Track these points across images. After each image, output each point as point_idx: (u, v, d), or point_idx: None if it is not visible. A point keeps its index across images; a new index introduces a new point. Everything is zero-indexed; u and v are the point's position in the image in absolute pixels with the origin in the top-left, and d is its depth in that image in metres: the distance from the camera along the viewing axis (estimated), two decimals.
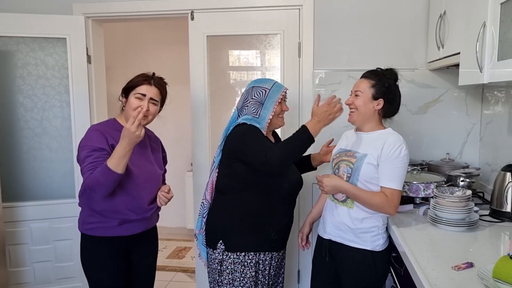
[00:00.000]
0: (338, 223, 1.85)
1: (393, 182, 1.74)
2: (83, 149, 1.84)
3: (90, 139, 1.87)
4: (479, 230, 1.74)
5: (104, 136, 1.87)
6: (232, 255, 1.91)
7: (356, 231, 1.80)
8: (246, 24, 2.80)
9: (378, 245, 1.79)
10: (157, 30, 4.52)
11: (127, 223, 1.94)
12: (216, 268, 1.95)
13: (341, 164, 1.87)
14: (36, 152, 2.91)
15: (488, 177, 2.45)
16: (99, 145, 1.83)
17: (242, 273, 1.91)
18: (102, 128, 1.94)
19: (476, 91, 2.61)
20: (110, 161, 1.74)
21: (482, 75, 1.64)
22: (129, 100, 1.93)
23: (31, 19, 2.79)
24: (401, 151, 1.74)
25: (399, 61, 2.67)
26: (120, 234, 1.93)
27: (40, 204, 2.88)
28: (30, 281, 2.91)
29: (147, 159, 2.03)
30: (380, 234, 1.80)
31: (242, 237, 1.92)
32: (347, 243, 1.82)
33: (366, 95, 1.83)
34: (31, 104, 2.87)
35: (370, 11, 2.68)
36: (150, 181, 2.00)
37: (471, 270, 1.34)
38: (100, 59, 3.11)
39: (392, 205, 1.73)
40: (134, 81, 1.94)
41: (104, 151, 1.83)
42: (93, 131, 1.91)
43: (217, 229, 1.97)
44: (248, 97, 1.98)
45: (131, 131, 1.72)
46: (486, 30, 1.60)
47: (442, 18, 2.23)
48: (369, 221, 1.79)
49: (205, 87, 2.87)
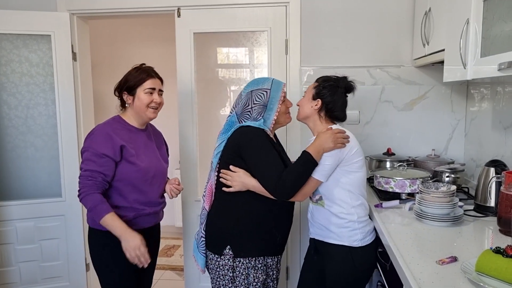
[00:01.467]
0: (316, 222, 1.89)
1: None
2: (87, 150, 1.88)
3: (96, 142, 1.87)
4: (463, 225, 1.77)
5: (111, 140, 1.87)
6: (245, 261, 1.83)
7: (331, 227, 1.82)
8: (233, 21, 2.79)
9: (355, 241, 1.79)
10: (144, 27, 4.48)
11: (141, 217, 1.99)
12: (226, 275, 1.84)
13: None
14: (20, 151, 2.87)
15: (472, 173, 2.48)
16: (102, 150, 1.85)
17: (255, 277, 1.84)
18: (111, 129, 1.92)
19: (461, 88, 2.64)
20: (106, 221, 1.81)
21: (466, 72, 1.66)
22: (139, 96, 1.95)
23: (15, 16, 2.74)
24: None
25: (385, 58, 2.69)
26: (134, 227, 1.91)
27: (26, 203, 2.85)
28: (16, 281, 2.88)
29: (154, 155, 2.06)
30: (357, 229, 1.79)
31: (251, 241, 1.84)
32: (327, 240, 1.84)
33: (308, 95, 1.90)
34: (15, 102, 2.83)
35: (356, 8, 2.69)
36: (158, 175, 2.04)
37: (455, 264, 1.36)
38: (86, 56, 3.08)
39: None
40: (138, 78, 1.95)
41: (106, 158, 1.85)
42: (100, 135, 1.89)
43: (223, 233, 1.86)
44: (248, 103, 1.86)
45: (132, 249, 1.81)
46: (470, 27, 1.62)
47: (427, 15, 2.25)
48: (343, 217, 1.80)
49: (192, 84, 2.86)
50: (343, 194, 1.80)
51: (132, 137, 1.97)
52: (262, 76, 2.86)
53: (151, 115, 2.00)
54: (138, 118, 2.02)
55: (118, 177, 1.91)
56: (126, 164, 1.90)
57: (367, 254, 1.82)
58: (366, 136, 2.76)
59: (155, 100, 1.97)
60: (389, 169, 2.43)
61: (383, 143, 2.73)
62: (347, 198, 1.79)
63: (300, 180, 1.73)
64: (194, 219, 2.89)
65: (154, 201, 2.04)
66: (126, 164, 1.90)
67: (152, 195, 2.02)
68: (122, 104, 2.03)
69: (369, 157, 2.64)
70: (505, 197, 1.62)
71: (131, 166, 1.91)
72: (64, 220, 2.89)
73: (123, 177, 1.91)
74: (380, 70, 2.70)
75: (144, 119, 2.02)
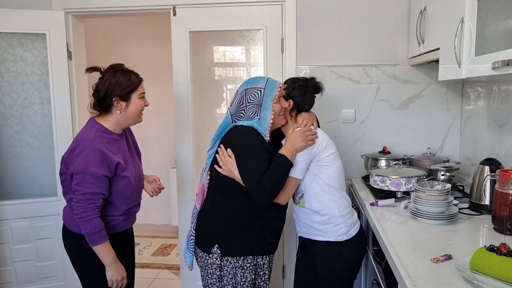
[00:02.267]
0: (301, 221, 1.94)
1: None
2: (84, 173, 1.78)
3: (92, 163, 1.79)
4: (458, 223, 1.78)
5: (106, 160, 1.81)
6: (232, 260, 1.83)
7: (315, 225, 1.86)
8: (229, 19, 2.78)
9: (340, 235, 1.83)
10: (139, 25, 4.47)
11: (130, 218, 2.05)
12: (214, 273, 1.85)
13: None
14: (16, 150, 2.85)
15: (468, 171, 2.49)
16: (101, 172, 1.79)
17: (243, 276, 1.84)
18: (101, 145, 1.82)
19: (456, 86, 2.65)
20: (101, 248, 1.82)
21: (461, 71, 1.67)
22: (134, 102, 1.89)
23: (10, 14, 2.73)
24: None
25: (380, 56, 2.70)
26: (121, 229, 2.00)
27: (21, 202, 2.83)
28: (12, 281, 2.87)
29: (135, 160, 2.05)
30: (341, 224, 1.83)
31: (239, 241, 1.83)
32: (314, 238, 1.89)
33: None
34: (10, 101, 2.81)
35: (352, 7, 2.70)
36: (140, 180, 2.08)
37: (449, 262, 1.37)
38: (81, 55, 3.06)
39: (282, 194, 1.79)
40: (132, 82, 1.88)
41: (105, 179, 1.81)
42: (94, 154, 1.79)
43: (212, 232, 1.87)
44: (243, 101, 1.84)
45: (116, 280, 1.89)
46: (464, 26, 1.63)
47: (422, 14, 2.26)
48: (324, 213, 1.83)
49: (188, 83, 2.85)
50: (323, 189, 1.83)
51: (118, 147, 1.91)
52: (258, 75, 2.86)
53: (139, 119, 1.96)
54: (124, 124, 1.94)
55: (112, 192, 1.88)
56: (119, 179, 1.88)
57: (354, 246, 1.86)
58: (361, 134, 2.76)
59: (147, 104, 1.95)
60: (384, 168, 2.43)
61: (378, 142, 2.74)
62: (327, 193, 1.83)
63: (277, 183, 1.74)
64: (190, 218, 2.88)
65: (137, 202, 2.08)
66: (119, 179, 1.88)
67: (137, 199, 2.06)
68: (106, 110, 1.89)
69: (364, 155, 2.64)
70: (499, 195, 1.62)
71: (123, 180, 1.89)
72: (60, 220, 2.85)
73: (117, 192, 1.89)
74: (375, 68, 2.71)
75: (132, 124, 1.99)
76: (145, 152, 2.42)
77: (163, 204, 4.53)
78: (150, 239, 4.45)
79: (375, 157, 2.58)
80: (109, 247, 1.85)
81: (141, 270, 3.69)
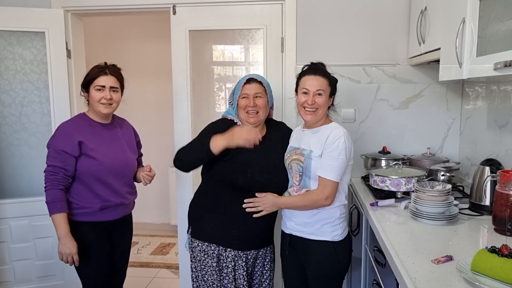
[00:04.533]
0: (297, 219, 1.91)
1: (328, 172, 1.78)
2: (49, 147, 2.02)
3: (56, 139, 2.02)
4: (458, 224, 1.77)
5: (69, 137, 2.00)
6: (199, 243, 1.98)
7: (314, 225, 1.86)
8: (229, 18, 2.77)
9: (337, 235, 1.85)
10: (138, 23, 4.46)
11: (107, 208, 2.08)
12: (189, 253, 2.06)
13: (292, 163, 1.90)
14: (14, 149, 2.85)
15: (467, 171, 2.49)
16: (61, 147, 1.98)
17: (205, 261, 1.96)
18: (70, 126, 2.06)
19: (456, 86, 2.65)
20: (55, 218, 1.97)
21: (462, 71, 1.66)
22: (91, 93, 2.06)
23: (8, 12, 2.71)
24: (340, 143, 1.79)
25: (381, 56, 2.69)
26: (101, 219, 2.08)
27: (20, 201, 2.82)
28: (10, 280, 2.86)
29: (119, 147, 2.15)
30: (338, 225, 1.86)
31: (205, 226, 1.98)
32: (307, 237, 1.88)
33: (327, 94, 1.86)
34: (9, 99, 2.80)
35: (352, 6, 2.69)
36: (122, 167, 2.14)
37: (450, 263, 1.36)
38: (80, 53, 3.05)
39: (324, 196, 1.78)
40: (91, 74, 2.05)
41: (65, 154, 1.98)
42: (60, 132, 2.03)
43: (189, 214, 2.09)
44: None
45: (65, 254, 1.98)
46: (466, 26, 1.62)
47: (423, 13, 2.25)
48: (325, 214, 1.85)
49: (188, 82, 2.85)
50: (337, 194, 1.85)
51: (94, 132, 2.08)
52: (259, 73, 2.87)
53: (103, 110, 2.07)
54: (96, 112, 2.11)
55: (80, 171, 2.02)
56: (86, 159, 2.01)
57: (347, 246, 1.91)
58: (361, 134, 2.76)
59: (105, 97, 2.04)
60: (384, 168, 2.43)
61: (378, 142, 2.73)
62: (336, 197, 1.84)
63: (186, 151, 1.95)
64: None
65: (121, 191, 2.12)
66: (86, 158, 2.01)
67: (118, 186, 2.11)
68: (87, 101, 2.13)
69: (364, 155, 2.64)
70: (500, 196, 1.62)
71: (92, 160, 2.02)
72: None
73: (85, 171, 2.02)
74: (375, 68, 2.70)
75: (98, 114, 2.11)
76: (144, 150, 2.42)
77: (162, 203, 4.52)
78: (148, 238, 4.44)
79: (375, 157, 2.57)
80: (63, 220, 1.97)
81: (140, 269, 3.69)
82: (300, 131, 1.99)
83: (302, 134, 1.96)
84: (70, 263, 2.01)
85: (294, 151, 1.93)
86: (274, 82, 2.76)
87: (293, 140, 2.02)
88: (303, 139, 1.93)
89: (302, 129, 1.98)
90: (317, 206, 1.83)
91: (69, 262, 2.00)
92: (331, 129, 1.85)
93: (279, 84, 2.78)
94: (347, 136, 1.82)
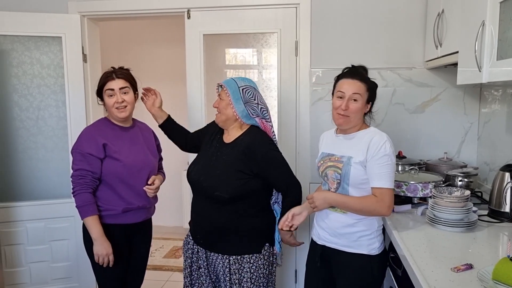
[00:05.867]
0: (331, 229, 1.80)
1: (381, 181, 1.68)
2: (75, 151, 2.06)
3: (82, 143, 2.05)
4: (477, 231, 1.74)
5: (94, 140, 2.04)
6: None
7: (351, 236, 1.75)
8: (243, 22, 2.78)
9: (374, 249, 1.75)
10: (152, 28, 4.49)
11: (130, 211, 2.11)
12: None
13: (328, 170, 1.80)
14: (31, 152, 2.88)
15: (486, 177, 2.44)
16: (87, 150, 2.02)
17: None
18: (93, 130, 2.11)
19: (474, 90, 2.60)
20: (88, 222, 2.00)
21: (481, 75, 1.63)
22: (105, 100, 2.11)
23: (27, 18, 2.76)
24: (386, 149, 1.70)
25: (396, 59, 2.66)
26: (123, 222, 2.10)
27: (36, 204, 2.86)
28: (26, 282, 2.89)
29: (140, 150, 2.18)
30: (376, 238, 1.76)
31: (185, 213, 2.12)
32: (342, 249, 1.78)
33: (363, 100, 1.75)
34: (26, 103, 2.85)
35: (367, 9, 2.67)
36: (144, 169, 2.15)
37: (470, 271, 1.33)
38: (96, 58, 3.09)
39: (385, 206, 1.67)
40: (101, 81, 2.10)
41: (91, 157, 2.01)
42: (85, 136, 2.08)
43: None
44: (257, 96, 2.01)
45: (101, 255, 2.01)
46: (485, 29, 1.59)
47: (440, 16, 2.22)
48: (363, 225, 1.74)
49: (202, 86, 2.85)
50: None
51: (116, 135, 2.12)
52: (272, 77, 2.90)
53: (120, 115, 2.10)
54: (114, 117, 2.14)
55: (105, 173, 2.05)
56: (110, 160, 2.05)
57: (382, 261, 1.79)
58: None
59: (117, 101, 2.07)
60: (400, 173, 2.39)
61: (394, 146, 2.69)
62: None
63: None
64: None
65: (143, 194, 2.14)
66: (110, 160, 2.05)
67: (140, 188, 2.13)
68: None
69: None
70: None
71: (116, 162, 2.05)
72: (74, 221, 2.89)
73: (109, 172, 2.05)
74: (391, 72, 2.67)
75: (116, 119, 2.14)
76: None
77: (175, 206, 4.53)
78: (162, 241, 4.46)
79: None
80: (96, 222, 2.01)
81: (153, 272, 3.70)
82: (332, 137, 1.89)
83: (335, 140, 1.86)
84: (106, 264, 2.02)
85: (328, 157, 1.83)
86: (287, 86, 2.77)
87: (324, 146, 1.91)
88: (337, 145, 1.83)
89: (335, 134, 1.87)
90: (374, 215, 1.73)
91: (105, 262, 2.02)
92: (371, 134, 1.75)
93: (292, 88, 2.77)
94: (390, 140, 1.75)
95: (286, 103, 2.79)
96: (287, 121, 2.80)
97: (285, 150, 2.81)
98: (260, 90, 2.90)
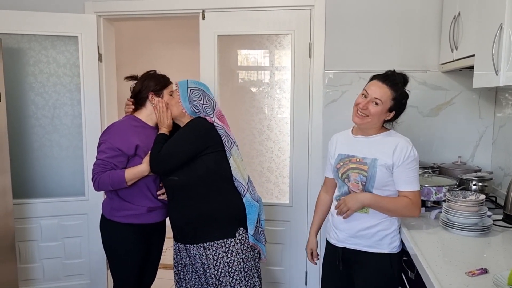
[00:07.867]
0: (353, 231, 1.79)
1: (412, 185, 1.73)
2: (104, 142, 2.03)
3: (113, 137, 2.03)
4: (492, 236, 1.72)
5: (127, 137, 2.03)
6: None
7: (373, 236, 1.76)
8: (257, 24, 2.78)
9: (394, 247, 1.78)
10: (166, 28, 4.52)
11: (154, 211, 2.12)
12: None
13: (350, 172, 1.78)
14: (46, 150, 2.93)
15: (500, 181, 2.41)
16: (117, 145, 2.01)
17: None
18: (126, 127, 2.09)
19: (489, 94, 2.58)
20: (129, 174, 1.98)
21: (498, 78, 1.62)
22: (165, 97, 2.14)
23: (44, 17, 2.80)
24: (414, 153, 1.74)
25: (410, 62, 2.65)
26: (145, 221, 2.10)
27: (50, 201, 2.90)
28: (39, 277, 2.94)
29: None
30: (396, 236, 1.79)
31: None
32: (363, 249, 1.78)
33: (385, 106, 1.74)
34: (42, 102, 2.89)
35: (382, 11, 2.66)
36: None
37: (485, 276, 1.32)
38: (111, 57, 3.12)
39: (418, 207, 1.73)
40: (164, 81, 2.18)
41: (119, 153, 2.00)
42: (118, 131, 2.06)
43: None
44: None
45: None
46: (503, 32, 1.58)
47: (456, 19, 2.20)
48: (385, 225, 1.76)
49: (216, 87, 2.87)
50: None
51: (146, 134, 2.11)
52: (285, 79, 2.89)
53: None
54: (150, 117, 2.17)
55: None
56: (139, 159, 2.05)
57: (401, 259, 1.80)
58: None
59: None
60: None
61: None
62: None
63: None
64: None
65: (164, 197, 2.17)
66: (139, 159, 2.05)
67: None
68: (140, 104, 2.17)
69: None
70: None
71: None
72: (87, 219, 2.94)
73: None
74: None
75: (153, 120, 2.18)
76: None
77: None
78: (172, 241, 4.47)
79: None
80: (131, 169, 2.00)
81: (164, 271, 3.70)
82: (348, 137, 1.87)
83: (353, 141, 1.84)
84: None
85: (348, 159, 1.80)
86: (301, 87, 2.77)
87: (340, 147, 1.88)
88: (356, 146, 1.81)
89: (352, 135, 1.86)
90: (405, 216, 1.81)
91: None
92: (396, 139, 1.77)
93: (306, 90, 2.77)
94: (412, 145, 1.78)
95: (299, 105, 2.79)
96: (299, 122, 2.79)
97: (297, 151, 2.83)
98: (273, 92, 2.92)
